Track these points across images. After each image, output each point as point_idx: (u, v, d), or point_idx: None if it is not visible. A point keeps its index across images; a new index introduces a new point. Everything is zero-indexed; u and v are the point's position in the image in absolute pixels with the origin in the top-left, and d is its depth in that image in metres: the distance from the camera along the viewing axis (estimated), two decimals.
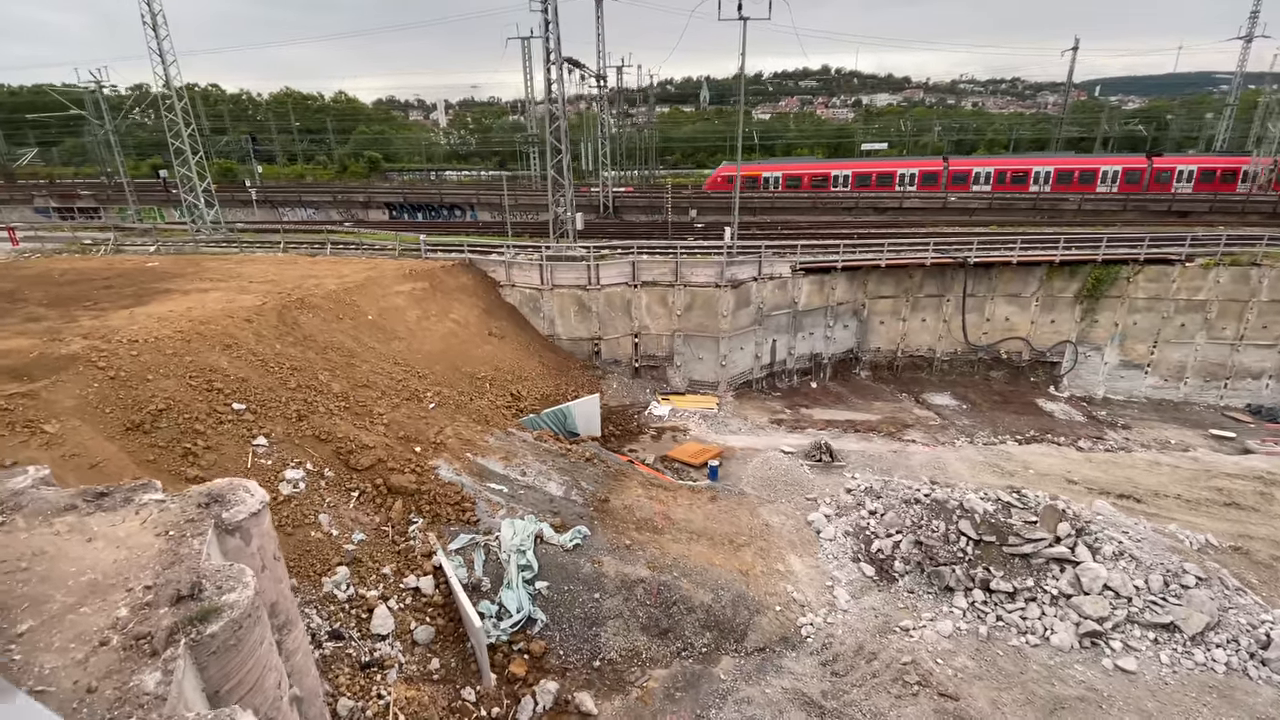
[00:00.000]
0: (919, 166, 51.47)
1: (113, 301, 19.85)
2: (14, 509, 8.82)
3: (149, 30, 33.06)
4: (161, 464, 13.02)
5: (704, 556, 16.35)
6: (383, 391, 18.57)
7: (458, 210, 50.11)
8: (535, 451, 19.12)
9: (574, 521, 16.46)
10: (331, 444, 15.85)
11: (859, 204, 48.34)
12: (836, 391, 30.23)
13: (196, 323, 17.16)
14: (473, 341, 24.09)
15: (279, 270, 24.75)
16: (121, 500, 8.97)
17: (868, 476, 20.78)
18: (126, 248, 32.01)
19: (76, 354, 14.49)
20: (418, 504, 15.53)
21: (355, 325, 20.89)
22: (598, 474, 18.98)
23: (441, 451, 17.23)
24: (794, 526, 18.45)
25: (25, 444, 11.58)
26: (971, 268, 29.99)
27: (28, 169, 77.00)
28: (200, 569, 7.40)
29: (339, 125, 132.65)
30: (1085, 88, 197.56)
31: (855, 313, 30.85)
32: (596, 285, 26.57)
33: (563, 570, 15.03)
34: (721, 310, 26.67)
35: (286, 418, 15.78)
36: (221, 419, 14.67)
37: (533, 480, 17.64)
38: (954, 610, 15.60)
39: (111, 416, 13.25)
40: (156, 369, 14.86)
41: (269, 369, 16.88)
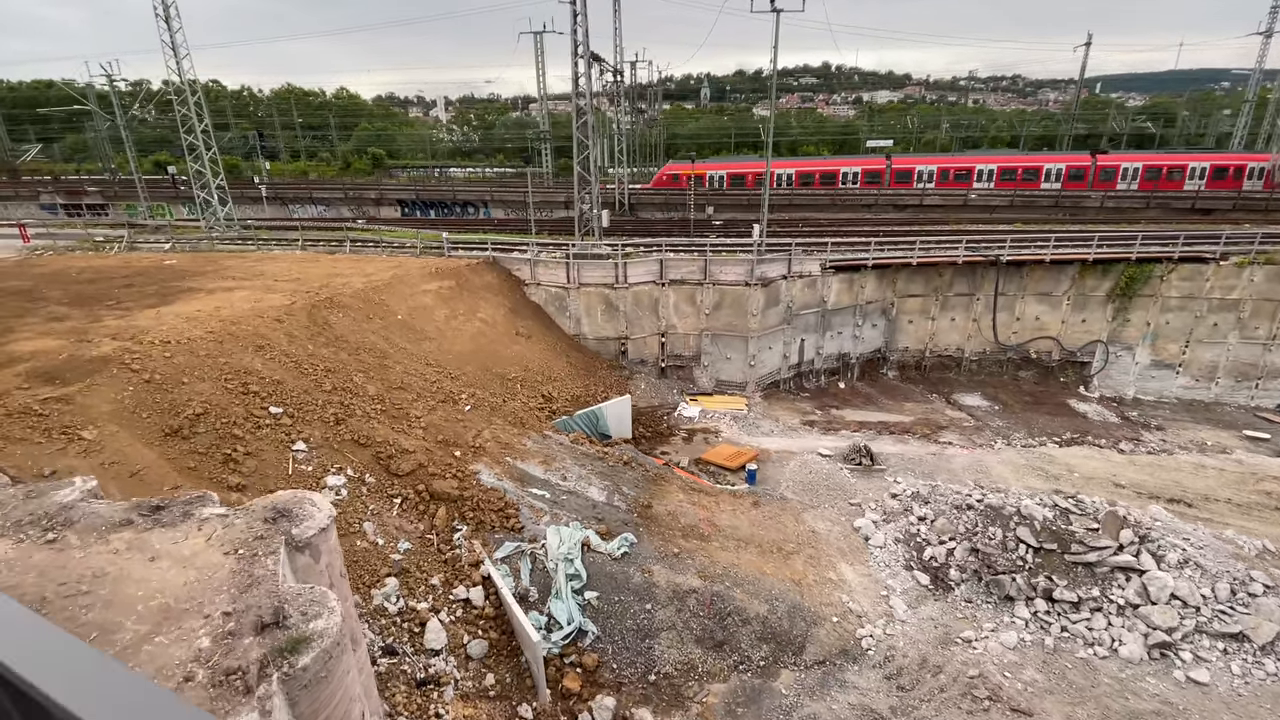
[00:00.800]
0: (861, 165, 51.32)
1: (136, 301, 19.27)
2: (65, 524, 8.27)
3: (161, 23, 32.39)
4: (202, 471, 12.47)
5: (755, 565, 15.83)
6: (418, 394, 18.02)
7: (471, 208, 49.50)
8: (573, 455, 18.58)
9: (619, 529, 15.93)
10: (370, 448, 15.30)
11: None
12: (865, 392, 29.70)
13: (227, 323, 16.59)
14: (501, 341, 23.53)
15: (302, 268, 24.17)
16: (180, 514, 8.42)
17: (912, 481, 20.26)
18: (141, 245, 31.39)
19: (108, 356, 13.92)
20: (461, 510, 14.99)
21: (385, 325, 20.33)
22: (637, 478, 18.45)
23: (481, 456, 16.68)
24: (841, 533, 17.93)
25: (63, 451, 11.03)
26: (1003, 266, 29.45)
27: (31, 165, 76.20)
28: (280, 592, 6.86)
29: (340, 121, 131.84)
30: (1087, 84, 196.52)
31: (884, 311, 30.32)
32: (624, 284, 26.01)
33: (612, 580, 14.50)
34: (751, 309, 26.13)
35: (324, 421, 15.24)
36: (259, 423, 14.12)
37: (574, 485, 17.10)
38: (1016, 620, 15.10)
39: (149, 421, 12.70)
40: (191, 371, 14.30)
41: (303, 371, 16.32)
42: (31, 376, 12.98)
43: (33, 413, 11.51)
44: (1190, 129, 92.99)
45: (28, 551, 7.85)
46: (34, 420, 11.34)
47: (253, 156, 76.74)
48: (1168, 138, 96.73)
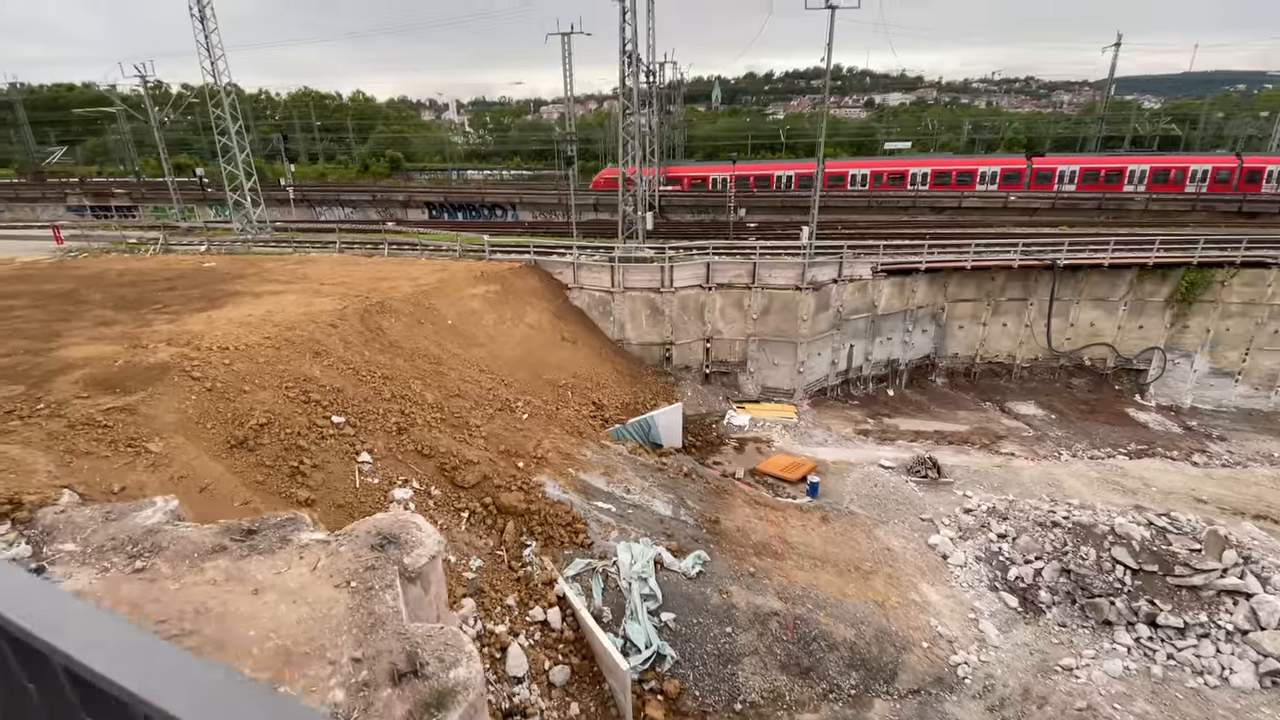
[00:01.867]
0: (795, 169, 50.55)
1: (183, 304, 18.76)
2: (153, 551, 7.62)
3: (196, 23, 32.10)
4: (270, 485, 11.83)
5: (834, 586, 15.02)
6: (475, 401, 17.36)
7: (499, 210, 48.99)
8: (633, 466, 17.85)
9: (690, 545, 15.17)
10: (434, 459, 14.64)
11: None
12: (916, 400, 28.80)
13: (282, 328, 16.00)
14: (548, 347, 22.86)
15: (345, 272, 23.63)
16: (276, 540, 7.74)
17: (985, 495, 19.38)
18: (175, 247, 31.03)
19: (167, 363, 13.35)
20: (529, 525, 14.29)
21: (436, 330, 19.71)
22: (700, 491, 17.69)
23: (544, 467, 15.98)
24: (916, 550, 17.08)
25: (131, 466, 10.42)
26: (1059, 270, 28.47)
27: (54, 167, 76.65)
28: (409, 634, 6.16)
29: (356, 124, 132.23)
30: (1099, 87, 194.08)
31: (934, 317, 29.41)
32: (670, 288, 25.28)
33: (689, 601, 13.74)
34: (801, 314, 25.32)
35: (386, 431, 14.59)
36: (323, 434, 13.49)
37: (638, 498, 16.36)
38: (1117, 647, 14.19)
39: (214, 432, 12.09)
40: (251, 379, 13.70)
41: (361, 378, 15.70)
42: (89, 384, 12.42)
43: (97, 424, 10.92)
44: (1210, 131, 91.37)
45: (115, 582, 7.20)
46: (99, 432, 10.75)
47: (275, 159, 76.73)
48: (1191, 140, 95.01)
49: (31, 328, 16.66)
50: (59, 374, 12.97)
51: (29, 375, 12.99)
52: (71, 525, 8.02)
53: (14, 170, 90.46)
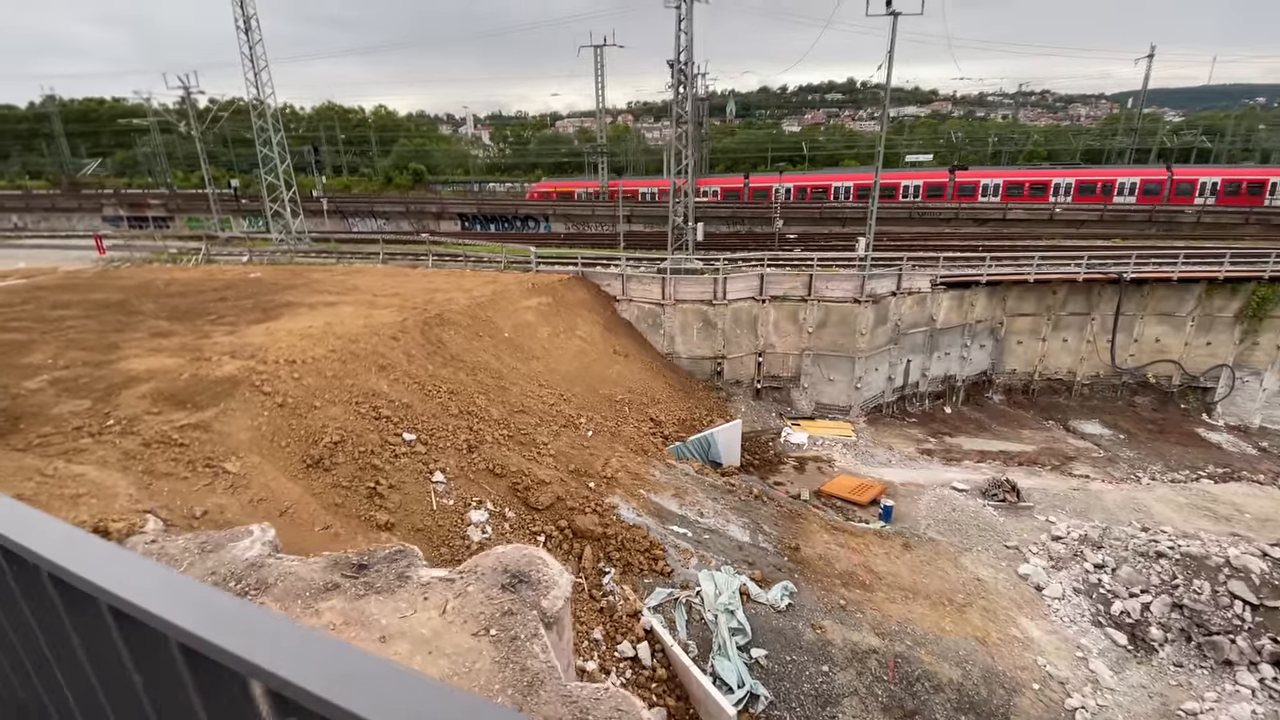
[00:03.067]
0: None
1: (238, 315, 18.29)
2: (259, 588, 6.89)
3: (241, 35, 32.13)
4: (349, 507, 11.15)
5: (930, 620, 14.03)
6: (540, 418, 16.65)
7: (532, 222, 48.69)
8: (702, 487, 17.01)
9: (773, 574, 14.27)
10: (506, 479, 13.91)
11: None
12: (974, 417, 27.73)
13: (346, 341, 15.42)
14: (601, 361, 22.16)
15: (395, 283, 23.14)
16: (393, 576, 7.00)
17: (1070, 521, 18.30)
18: (217, 257, 30.84)
19: (235, 377, 12.77)
20: (605, 550, 13.48)
21: (495, 343, 19.08)
22: (774, 515, 16.80)
23: (614, 487, 15.19)
24: (1008, 581, 16.04)
25: (210, 487, 9.77)
26: (1125, 284, 27.38)
27: (88, 179, 77.83)
28: (574, 696, 5.36)
29: (378, 137, 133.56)
30: (1117, 100, 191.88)
31: (991, 331, 28.39)
32: (722, 300, 24.54)
33: (780, 636, 12.83)
34: (860, 328, 24.44)
35: (457, 449, 13.91)
36: (396, 452, 12.82)
37: (713, 522, 15.51)
38: (1240, 689, 13.07)
39: (288, 451, 11.45)
40: (321, 394, 13.08)
41: (427, 393, 15.06)
42: (158, 399, 11.86)
43: (172, 442, 10.31)
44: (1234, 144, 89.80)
45: None
46: (175, 451, 10.14)
47: (303, 171, 77.37)
48: (1219, 153, 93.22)
49: (88, 338, 16.23)
50: (123, 387, 12.44)
51: (92, 389, 12.47)
52: (166, 558, 7.35)
53: (46, 182, 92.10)
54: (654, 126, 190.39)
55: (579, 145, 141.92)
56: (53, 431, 10.52)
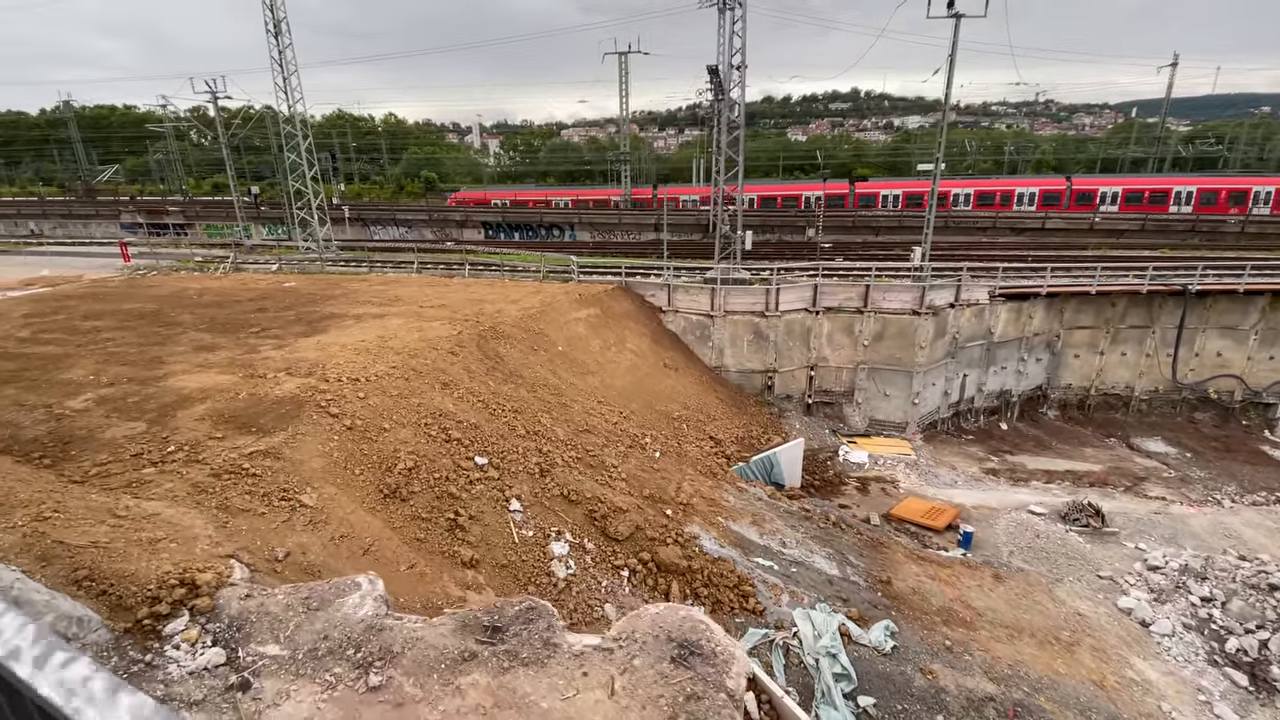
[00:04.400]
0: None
1: (282, 327, 17.38)
2: (384, 657, 5.88)
3: (270, 38, 31.46)
4: (431, 542, 10.14)
5: (1041, 661, 12.93)
6: (606, 438, 15.65)
7: (556, 230, 47.87)
8: (777, 513, 15.97)
9: (870, 612, 13.20)
10: (581, 506, 12.90)
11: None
12: (1032, 434, 26.63)
13: (406, 356, 14.48)
14: (653, 375, 21.18)
15: (437, 293, 22.23)
16: (537, 643, 5.98)
17: (1162, 548, 17.19)
18: (245, 266, 30.00)
19: (297, 397, 11.82)
20: (692, 586, 12.44)
21: (550, 358, 18.12)
22: (856, 544, 15.73)
23: (692, 515, 14.17)
24: (1110, 616, 14.93)
25: (289, 524, 8.78)
26: (1190, 296, 26.32)
27: (103, 186, 77.38)
28: None
29: (388, 145, 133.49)
30: (1121, 109, 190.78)
31: (1048, 345, 27.34)
32: (775, 311, 23.57)
33: (888, 682, 11.74)
34: (919, 341, 23.43)
35: (529, 473, 12.91)
36: (470, 478, 11.83)
37: (797, 553, 14.45)
38: None
39: (363, 479, 10.46)
40: (389, 415, 12.12)
41: (492, 412, 14.08)
42: (219, 422, 10.90)
43: (244, 472, 9.34)
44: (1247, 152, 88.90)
45: (351, 707, 5.48)
46: (249, 483, 9.16)
47: (323, 179, 76.68)
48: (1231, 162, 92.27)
49: (128, 352, 15.33)
50: (177, 407, 11.50)
51: (144, 409, 11.53)
52: (266, 617, 6.36)
53: (58, 188, 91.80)
54: (658, 135, 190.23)
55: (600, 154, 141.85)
56: (110, 459, 9.56)
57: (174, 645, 5.99)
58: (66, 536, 6.62)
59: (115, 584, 6.27)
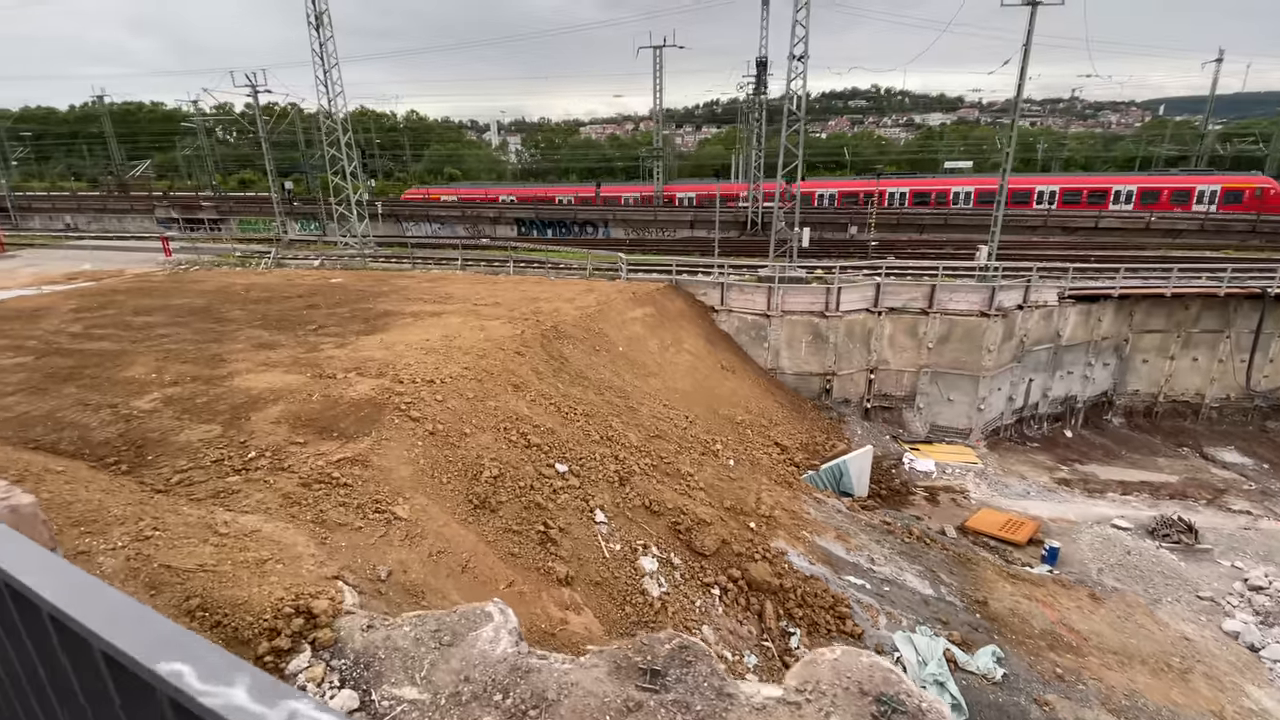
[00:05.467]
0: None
1: (340, 325, 16.84)
2: (538, 705, 5.17)
3: (312, 30, 31.06)
4: (525, 557, 9.47)
5: (1157, 691, 12.00)
6: (678, 444, 14.91)
7: (590, 227, 47.23)
8: (859, 526, 15.14)
9: (972, 635, 12.34)
10: (664, 517, 12.18)
11: None
12: (1099, 443, 25.48)
13: (475, 356, 13.84)
14: (713, 377, 20.41)
15: (488, 291, 21.62)
16: (709, 694, 5.25)
17: (1263, 568, 16.13)
18: (287, 261, 29.66)
19: (374, 399, 11.20)
20: (785, 606, 11.67)
21: (611, 358, 17.42)
22: (943, 560, 14.86)
23: (776, 528, 13.39)
24: (1216, 640, 13.93)
25: (385, 539, 8.14)
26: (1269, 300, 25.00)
27: (135, 181, 78.15)
28: None
29: (411, 142, 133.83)
30: (1149, 107, 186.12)
31: (1116, 349, 26.16)
32: (835, 312, 22.67)
33: (1001, 714, 10.89)
34: (987, 344, 22.42)
35: (609, 481, 12.22)
36: (554, 487, 11.16)
37: (887, 571, 13.62)
38: None
39: (451, 489, 9.82)
40: (468, 419, 11.47)
41: (565, 415, 13.40)
42: (296, 425, 10.31)
43: (334, 482, 8.72)
44: None
45: None
46: (341, 494, 8.54)
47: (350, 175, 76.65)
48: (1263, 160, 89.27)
49: (186, 350, 14.85)
50: (250, 409, 10.93)
51: (214, 409, 10.98)
52: (396, 653, 5.71)
53: (87, 183, 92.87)
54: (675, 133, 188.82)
55: (622, 150, 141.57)
56: (190, 465, 8.99)
57: (299, 687, 5.35)
58: (172, 559, 6.00)
59: (230, 614, 5.64)
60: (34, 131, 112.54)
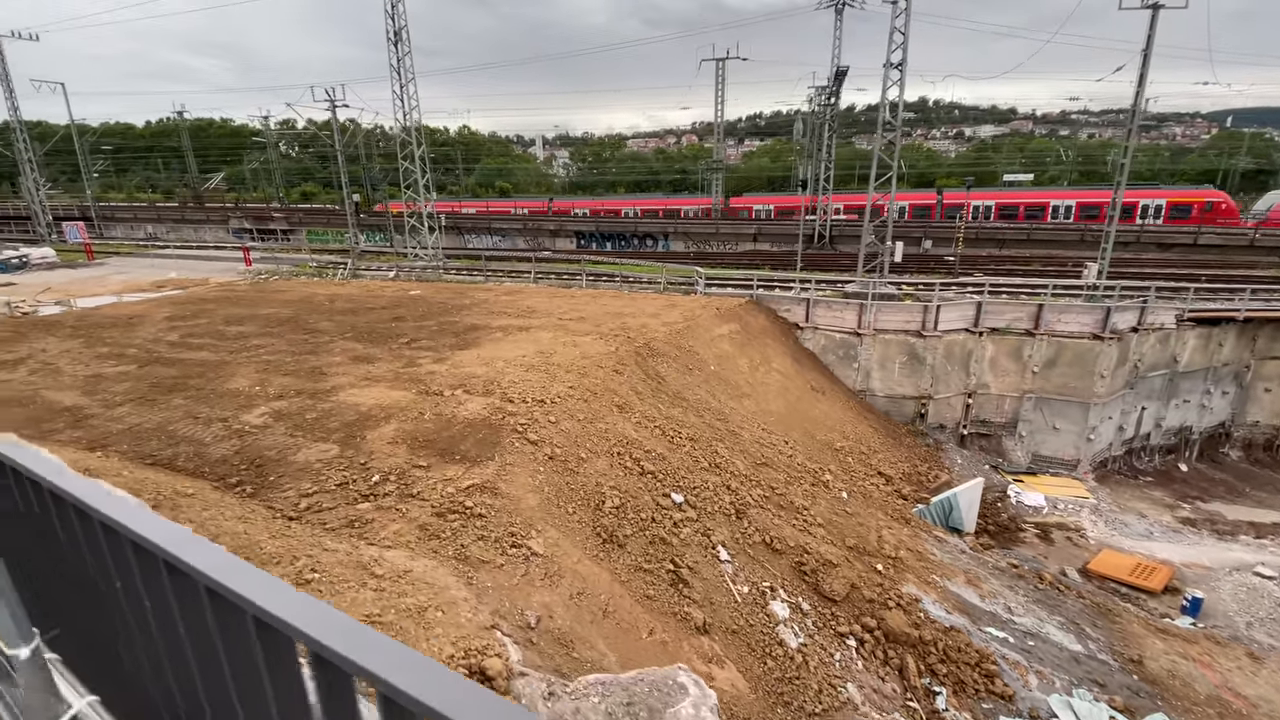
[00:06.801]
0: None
1: (431, 338, 16.53)
2: None
3: (390, 46, 31.55)
4: (660, 601, 8.69)
5: None
6: (786, 473, 13.96)
7: (650, 240, 46.81)
8: (986, 569, 13.87)
9: (1132, 700, 10.96)
10: (786, 556, 11.24)
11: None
12: (1219, 478, 23.33)
13: (577, 375, 13.22)
14: (804, 399, 19.38)
15: (568, 305, 21.15)
16: None
17: None
18: (363, 272, 29.99)
19: (489, 420, 10.64)
20: (927, 661, 10.55)
21: (704, 378, 16.61)
22: (1083, 610, 13.45)
23: (904, 571, 12.27)
24: None
25: (527, 579, 7.46)
26: None
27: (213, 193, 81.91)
28: None
29: (462, 155, 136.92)
30: (1214, 119, 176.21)
31: (1236, 376, 24.02)
32: (934, 331, 21.37)
33: None
34: (1100, 369, 20.76)
35: (725, 514, 11.36)
36: (674, 520, 10.36)
37: (1028, 623, 12.33)
38: None
39: (577, 520, 9.13)
40: (582, 442, 10.81)
41: (670, 440, 12.63)
42: (415, 446, 9.81)
43: (468, 512, 8.12)
44: None
45: None
46: (477, 526, 7.93)
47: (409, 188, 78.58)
48: None
49: (285, 361, 14.70)
50: (363, 427, 10.50)
51: (326, 427, 10.59)
52: None
53: (161, 195, 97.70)
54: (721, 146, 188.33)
55: (668, 164, 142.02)
56: (314, 489, 8.54)
57: None
58: (338, 607, 5.40)
59: None
60: (113, 145, 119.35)
